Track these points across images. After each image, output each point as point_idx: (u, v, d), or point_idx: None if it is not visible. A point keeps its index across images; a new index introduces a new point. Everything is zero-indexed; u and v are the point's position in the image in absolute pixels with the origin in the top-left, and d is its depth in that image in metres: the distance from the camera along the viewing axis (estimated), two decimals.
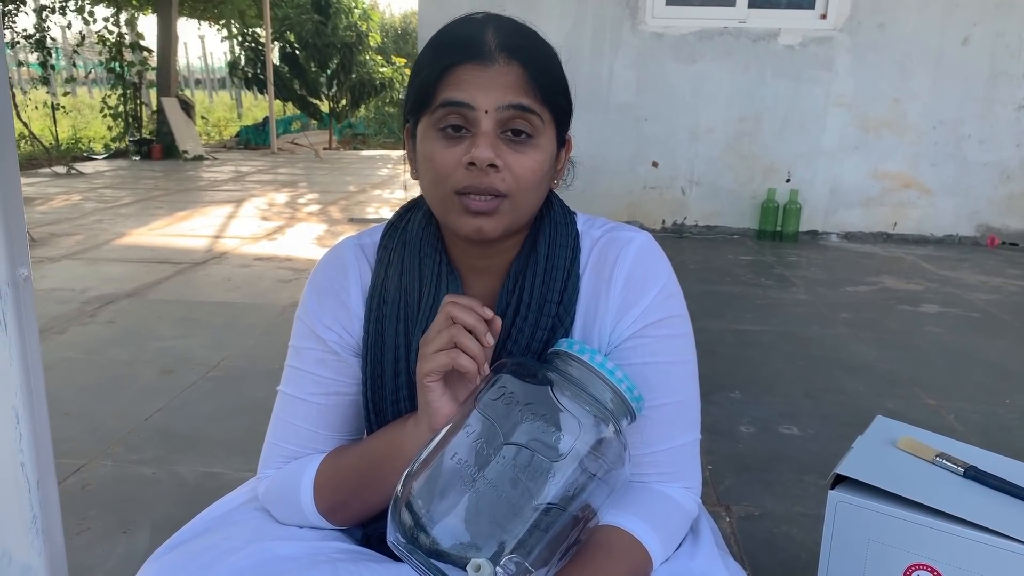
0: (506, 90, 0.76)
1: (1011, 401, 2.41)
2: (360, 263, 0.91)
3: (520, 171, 0.78)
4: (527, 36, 0.80)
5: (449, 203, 0.79)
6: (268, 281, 3.82)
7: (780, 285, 3.87)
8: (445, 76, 0.76)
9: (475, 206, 0.77)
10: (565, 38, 4.96)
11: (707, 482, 1.85)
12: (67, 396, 2.33)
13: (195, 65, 24.61)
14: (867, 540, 0.97)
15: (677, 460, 0.87)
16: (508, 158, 0.77)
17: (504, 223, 0.80)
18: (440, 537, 0.67)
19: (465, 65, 0.76)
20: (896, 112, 4.95)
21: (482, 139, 0.75)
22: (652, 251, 0.88)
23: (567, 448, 0.70)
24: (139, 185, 7.55)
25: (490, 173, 0.76)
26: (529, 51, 0.78)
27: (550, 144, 0.81)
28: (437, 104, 0.77)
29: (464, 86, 0.75)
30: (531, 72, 0.77)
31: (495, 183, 0.77)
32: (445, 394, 0.76)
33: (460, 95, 0.75)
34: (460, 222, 0.79)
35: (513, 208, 0.79)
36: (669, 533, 0.82)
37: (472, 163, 0.75)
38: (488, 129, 0.76)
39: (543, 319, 0.84)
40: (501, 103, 0.75)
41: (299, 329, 0.91)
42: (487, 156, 0.75)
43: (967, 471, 0.99)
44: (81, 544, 1.56)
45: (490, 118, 0.76)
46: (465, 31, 0.78)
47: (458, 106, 0.76)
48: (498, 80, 0.76)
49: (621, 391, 0.75)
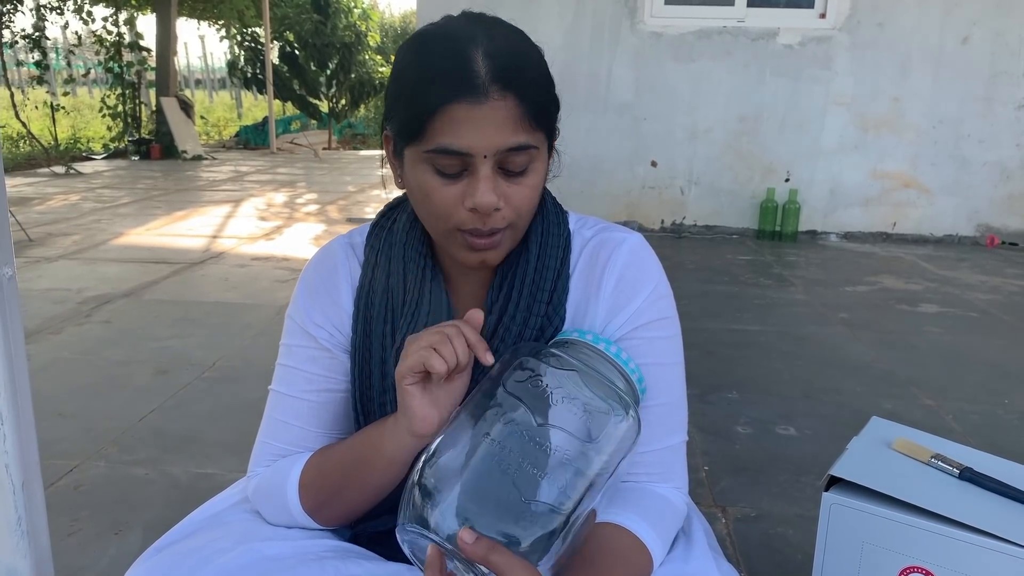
0: (502, 130, 0.72)
1: (1010, 401, 2.40)
2: (350, 261, 0.90)
3: (520, 201, 0.77)
4: (518, 57, 0.75)
5: (451, 238, 0.79)
6: (265, 281, 3.81)
7: (779, 285, 3.86)
8: (436, 115, 0.72)
9: (480, 245, 0.77)
10: (564, 37, 4.95)
11: (703, 483, 1.84)
12: (61, 396, 2.32)
13: (195, 65, 24.65)
14: (861, 542, 0.96)
15: (666, 461, 0.87)
16: (506, 191, 0.76)
17: (505, 249, 0.81)
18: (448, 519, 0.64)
19: (457, 104, 0.71)
20: (895, 111, 4.94)
21: (483, 184, 0.74)
22: (643, 252, 0.87)
23: (598, 433, 0.69)
24: (138, 185, 7.54)
25: (493, 215, 0.76)
26: (522, 79, 0.74)
27: (544, 160, 0.80)
28: (431, 147, 0.73)
29: (459, 130, 0.72)
30: (525, 104, 0.74)
31: (496, 223, 0.76)
32: (424, 397, 0.75)
33: (457, 142, 0.72)
34: (462, 255, 0.80)
35: (514, 234, 0.80)
36: (667, 534, 0.83)
37: (474, 208, 0.74)
38: (487, 173, 0.74)
39: (532, 319, 0.83)
40: (499, 147, 0.73)
41: (290, 327, 0.91)
42: (491, 202, 0.74)
43: (962, 473, 0.98)
44: (72, 545, 1.56)
45: (488, 161, 0.74)
46: (451, 61, 0.72)
47: (455, 155, 0.73)
48: (493, 118, 0.72)
49: (633, 380, 0.76)
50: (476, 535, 0.62)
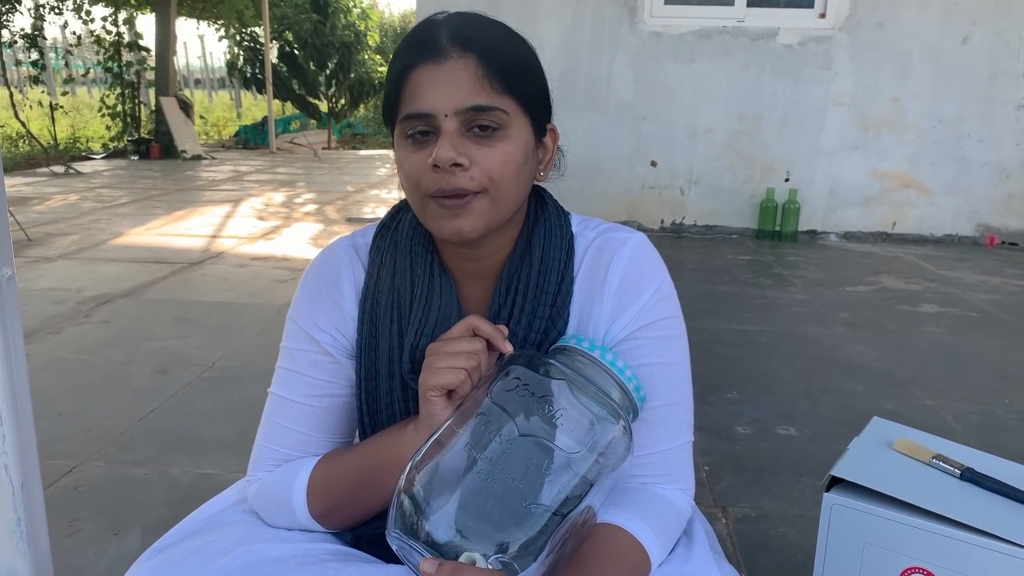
0: (463, 89, 0.74)
1: (1010, 401, 2.40)
2: (353, 263, 0.90)
3: (490, 164, 0.76)
4: (484, 27, 0.78)
5: (424, 208, 0.79)
6: (264, 281, 3.81)
7: (779, 285, 3.86)
8: (404, 83, 0.76)
9: (446, 205, 0.77)
10: (563, 37, 4.95)
11: (704, 483, 1.84)
12: (61, 396, 2.31)
13: (194, 64, 24.64)
14: (862, 543, 0.96)
15: (672, 462, 0.87)
16: (475, 154, 0.76)
17: (484, 220, 0.78)
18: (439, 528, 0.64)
19: (420, 67, 0.75)
20: (895, 111, 4.94)
21: (443, 139, 0.75)
22: (647, 252, 0.87)
23: (584, 444, 0.69)
24: (137, 185, 7.53)
25: (456, 172, 0.75)
26: (484, 41, 0.76)
27: (523, 133, 0.79)
28: (401, 116, 0.77)
29: (421, 92, 0.75)
30: (488, 63, 0.75)
31: (462, 183, 0.75)
32: (448, 407, 0.75)
33: (419, 105, 0.75)
34: (437, 226, 0.79)
35: (491, 203, 0.78)
36: (667, 535, 0.82)
37: (436, 165, 0.75)
38: (450, 130, 0.75)
39: (536, 321, 0.83)
40: (460, 106, 0.74)
41: (291, 330, 0.90)
42: (448, 156, 0.74)
43: (963, 473, 0.98)
44: (72, 546, 1.55)
45: (451, 120, 0.75)
46: (422, 32, 0.78)
47: (419, 117, 0.76)
48: (453, 77, 0.74)
49: (629, 389, 0.75)
50: (438, 562, 0.62)
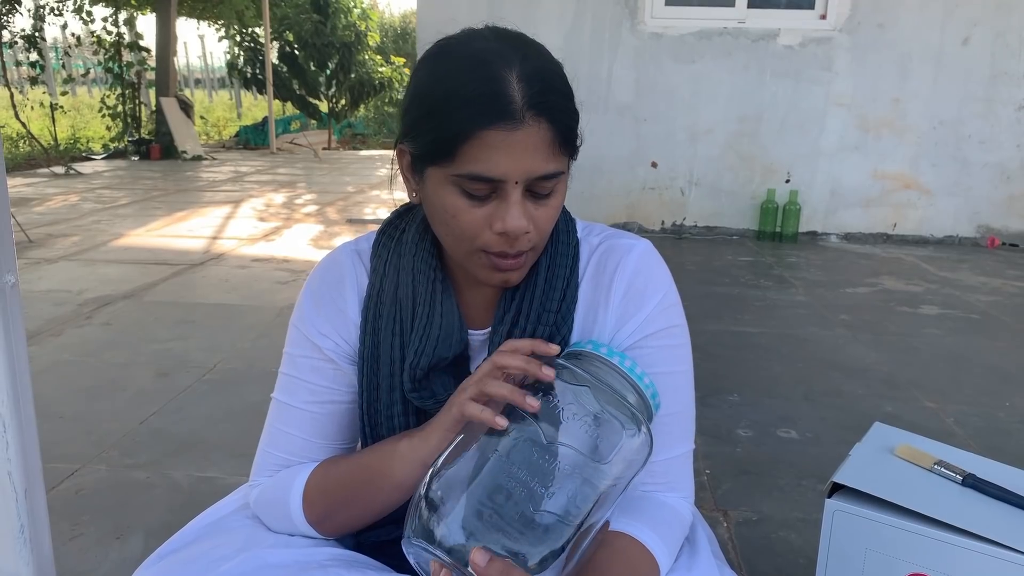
0: (535, 156, 0.72)
1: (1011, 404, 2.40)
2: (357, 269, 0.89)
3: (544, 223, 0.77)
4: (551, 80, 0.74)
5: (475, 258, 0.78)
6: (265, 282, 3.81)
7: (779, 286, 3.86)
8: (469, 139, 0.71)
9: (506, 266, 0.77)
10: (564, 38, 4.95)
11: (705, 487, 1.84)
12: (62, 399, 2.31)
13: (195, 65, 24.63)
14: (864, 549, 0.96)
15: (673, 470, 0.87)
16: (534, 214, 0.76)
17: (528, 268, 0.81)
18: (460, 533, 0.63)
19: (493, 130, 0.70)
20: (896, 112, 4.94)
21: (514, 209, 0.73)
22: (653, 260, 0.87)
23: (613, 450, 0.69)
24: (137, 185, 7.53)
25: (521, 238, 0.76)
26: (555, 103, 0.73)
27: (566, 179, 0.79)
28: (463, 173, 0.72)
29: (492, 156, 0.71)
30: (557, 128, 0.73)
31: (523, 244, 0.77)
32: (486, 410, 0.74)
33: (490, 169, 0.71)
34: (485, 275, 0.80)
35: (535, 254, 0.80)
36: (674, 543, 0.83)
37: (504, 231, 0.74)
38: (518, 199, 0.74)
39: (540, 328, 0.83)
40: (532, 174, 0.73)
41: (294, 336, 0.90)
42: (522, 226, 0.74)
43: (966, 479, 0.98)
44: (74, 550, 1.55)
45: (519, 187, 0.73)
46: (486, 85, 0.70)
47: (487, 181, 0.72)
48: (527, 144, 0.71)
49: (647, 396, 0.75)
50: (489, 555, 0.62)
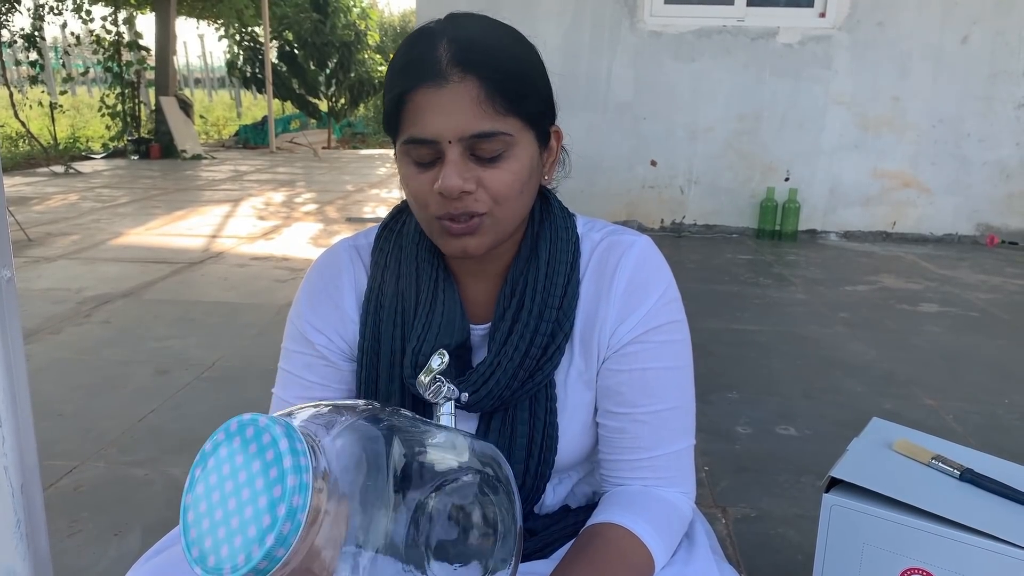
0: (466, 115, 0.72)
1: (1010, 401, 2.40)
2: (355, 265, 0.89)
3: (496, 187, 0.76)
4: (484, 41, 0.76)
5: (431, 226, 0.79)
6: (264, 281, 3.81)
7: (779, 284, 3.86)
8: (405, 104, 0.74)
9: (455, 229, 0.77)
10: (563, 37, 4.95)
11: (704, 483, 1.84)
12: (61, 397, 2.31)
13: (194, 64, 24.64)
14: (862, 543, 0.96)
15: (674, 465, 0.87)
16: (482, 176, 0.75)
17: (488, 239, 0.79)
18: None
19: (419, 89, 0.73)
20: (895, 111, 4.94)
21: (449, 167, 0.74)
22: (653, 256, 0.87)
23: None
24: (137, 184, 7.53)
25: (464, 198, 0.75)
26: (485, 61, 0.73)
27: (528, 148, 0.78)
28: (404, 139, 0.76)
29: (422, 117, 0.73)
30: (489, 85, 0.73)
31: (470, 206, 0.75)
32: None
33: (421, 131, 0.74)
34: (443, 243, 0.80)
35: (495, 223, 0.78)
36: (671, 538, 0.82)
37: (440, 191, 0.74)
38: (455, 158, 0.74)
39: (543, 324, 0.83)
40: (464, 133, 0.73)
41: (290, 331, 0.90)
42: (455, 184, 0.73)
43: (963, 474, 0.98)
44: (72, 546, 1.55)
45: (455, 147, 0.74)
46: (418, 49, 0.75)
47: (422, 143, 0.74)
48: (455, 102, 0.72)
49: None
50: None
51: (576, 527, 0.88)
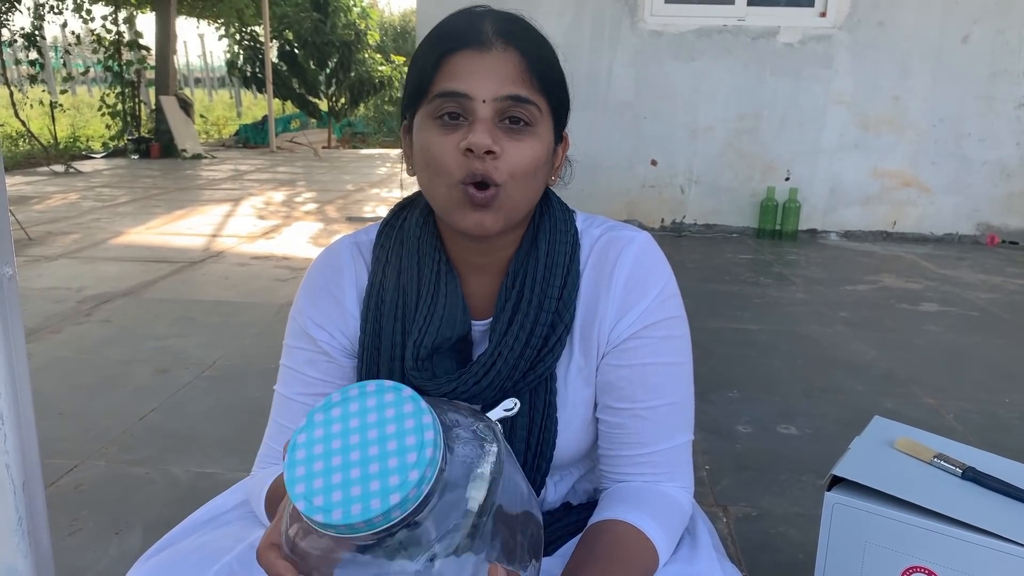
0: (504, 79, 0.75)
1: (1011, 400, 2.40)
2: (356, 262, 0.89)
3: (517, 160, 0.76)
4: (524, 23, 0.80)
5: (452, 195, 0.77)
6: (265, 280, 3.81)
7: (779, 284, 3.86)
8: (442, 65, 0.75)
9: (478, 198, 0.75)
10: (564, 36, 4.94)
11: (705, 482, 1.84)
12: (61, 395, 2.31)
13: (194, 63, 24.64)
14: (864, 542, 0.96)
15: (672, 460, 0.87)
16: (506, 145, 0.75)
17: (502, 217, 0.78)
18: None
19: (462, 52, 0.75)
20: (896, 110, 4.94)
21: (480, 125, 0.74)
22: (652, 251, 0.87)
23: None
24: (137, 184, 7.53)
25: (487, 160, 0.74)
26: (527, 39, 0.78)
27: (547, 135, 0.80)
28: (434, 95, 0.76)
29: (461, 74, 0.75)
30: (530, 59, 0.76)
31: (491, 171, 0.75)
32: None
33: (457, 84, 0.74)
34: (461, 215, 0.77)
35: (508, 199, 0.77)
36: (674, 532, 0.83)
37: (469, 149, 0.74)
38: (486, 117, 0.74)
39: (543, 315, 0.83)
40: (500, 93, 0.74)
41: (292, 327, 0.90)
42: (485, 142, 0.73)
43: (965, 472, 0.98)
44: (73, 545, 1.55)
45: (488, 107, 0.74)
46: (462, 21, 0.78)
47: (455, 96, 0.75)
48: (496, 67, 0.75)
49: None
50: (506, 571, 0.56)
51: (578, 524, 0.88)
